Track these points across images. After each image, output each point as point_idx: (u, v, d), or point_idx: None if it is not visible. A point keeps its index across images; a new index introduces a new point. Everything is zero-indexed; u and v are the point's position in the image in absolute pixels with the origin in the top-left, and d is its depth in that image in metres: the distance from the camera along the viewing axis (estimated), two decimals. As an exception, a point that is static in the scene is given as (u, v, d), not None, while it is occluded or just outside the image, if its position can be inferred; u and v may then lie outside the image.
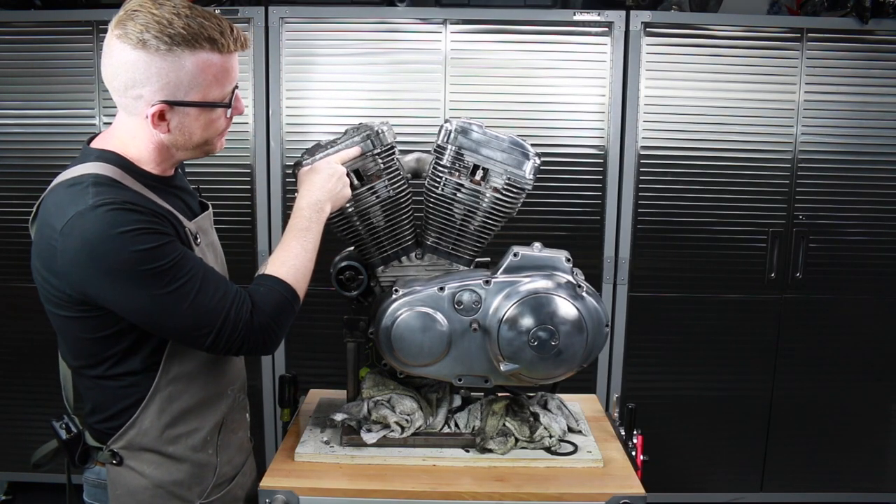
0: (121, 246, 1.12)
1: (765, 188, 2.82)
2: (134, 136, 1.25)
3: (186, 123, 1.23)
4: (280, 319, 1.29)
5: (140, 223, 1.14)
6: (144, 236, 1.14)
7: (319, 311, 2.84)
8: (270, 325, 1.27)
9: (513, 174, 1.55)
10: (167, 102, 1.18)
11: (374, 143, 1.55)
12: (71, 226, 1.12)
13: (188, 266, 1.19)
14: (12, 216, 2.81)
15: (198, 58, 1.18)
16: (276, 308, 1.28)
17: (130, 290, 1.15)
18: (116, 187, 1.17)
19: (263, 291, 1.28)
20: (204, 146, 1.29)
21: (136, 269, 1.14)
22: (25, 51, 2.75)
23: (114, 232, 1.12)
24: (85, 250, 1.12)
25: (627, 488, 1.49)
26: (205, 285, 1.20)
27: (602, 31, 2.73)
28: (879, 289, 2.89)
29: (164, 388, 1.30)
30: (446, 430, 1.65)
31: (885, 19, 2.73)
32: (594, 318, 1.51)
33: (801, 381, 2.95)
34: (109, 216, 1.12)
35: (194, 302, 1.19)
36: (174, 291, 1.17)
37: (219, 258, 1.43)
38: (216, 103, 1.23)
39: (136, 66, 1.16)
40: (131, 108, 1.21)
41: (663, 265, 2.86)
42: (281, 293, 1.29)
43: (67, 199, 1.15)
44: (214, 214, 1.48)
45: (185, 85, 1.18)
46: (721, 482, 3.02)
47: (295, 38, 2.73)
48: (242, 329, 1.23)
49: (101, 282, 1.15)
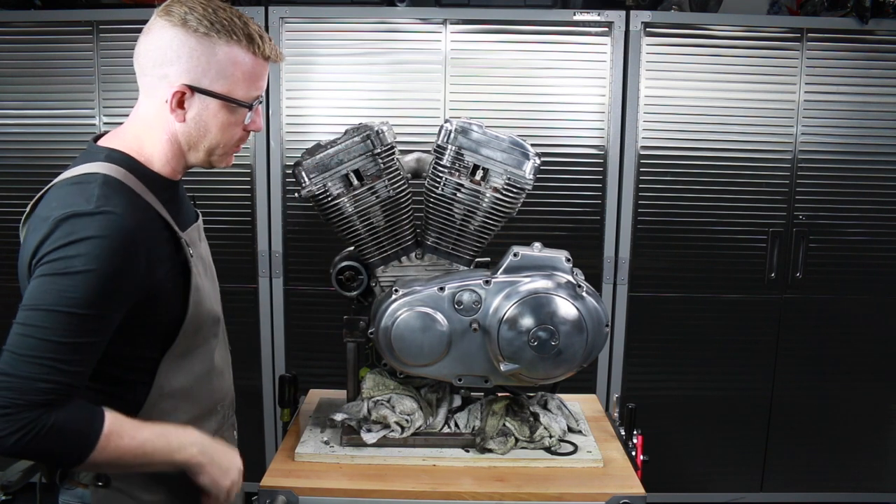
0: (90, 249, 1.06)
1: (765, 188, 2.82)
2: (150, 127, 1.21)
3: (205, 117, 1.20)
4: (49, 443, 1.05)
5: (122, 246, 1.08)
6: (107, 261, 1.07)
7: (319, 311, 2.84)
8: (33, 437, 1.04)
9: (513, 174, 1.55)
10: (190, 87, 1.16)
11: (374, 143, 1.55)
12: (65, 221, 1.07)
13: (85, 317, 1.06)
14: (12, 216, 2.81)
15: (232, 50, 1.17)
16: (65, 433, 1.06)
17: (41, 283, 1.07)
18: (123, 192, 1.13)
19: (79, 416, 1.08)
20: (214, 152, 1.25)
21: (63, 271, 1.06)
22: (25, 51, 2.75)
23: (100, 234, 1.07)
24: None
25: (627, 488, 1.49)
26: (59, 342, 1.05)
27: (602, 31, 2.73)
28: (879, 289, 2.89)
29: (158, 402, 1.24)
30: (446, 430, 1.65)
31: (885, 19, 2.73)
32: (594, 318, 1.51)
33: (801, 381, 2.95)
34: (108, 222, 1.08)
35: (31, 336, 1.05)
36: (49, 312, 1.05)
37: (208, 270, 1.36)
38: (239, 101, 1.20)
39: (171, 43, 1.15)
40: (154, 88, 1.19)
41: (663, 265, 2.86)
42: (86, 428, 1.09)
43: (72, 195, 1.11)
44: (215, 215, 1.47)
45: (212, 73, 1.17)
46: (721, 482, 3.02)
47: (295, 38, 2.73)
48: (9, 410, 1.03)
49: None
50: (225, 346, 1.45)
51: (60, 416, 1.05)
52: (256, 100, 1.24)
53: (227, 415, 1.43)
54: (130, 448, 1.12)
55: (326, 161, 1.56)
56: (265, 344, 2.89)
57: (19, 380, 1.04)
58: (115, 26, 2.71)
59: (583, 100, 2.77)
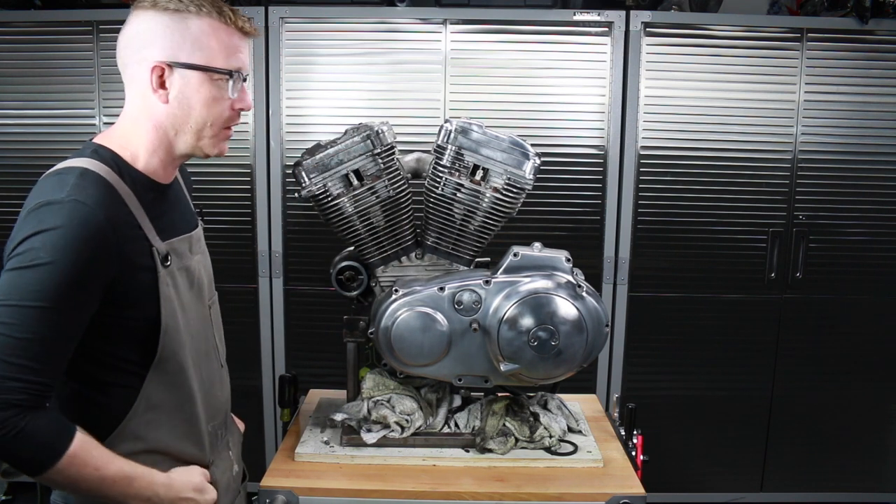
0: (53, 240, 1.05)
1: (765, 188, 2.82)
2: (135, 120, 1.21)
3: (187, 93, 1.19)
4: (16, 446, 1.04)
5: (89, 237, 1.07)
6: (73, 252, 1.05)
7: (319, 311, 2.84)
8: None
9: (513, 174, 1.56)
10: (168, 63, 1.17)
11: (374, 143, 1.55)
12: (36, 210, 1.07)
13: (54, 310, 1.05)
14: (12, 216, 2.80)
15: (203, 21, 1.18)
16: (32, 441, 1.05)
17: (9, 277, 1.06)
18: (99, 185, 1.12)
19: (50, 429, 1.07)
20: (202, 134, 1.22)
21: (29, 264, 1.05)
22: (25, 51, 2.75)
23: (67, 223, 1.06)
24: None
25: (627, 488, 1.49)
26: (28, 338, 1.03)
27: (602, 31, 2.73)
28: (879, 289, 2.89)
29: (144, 413, 1.20)
30: (446, 430, 1.65)
31: (885, 19, 2.73)
32: (594, 318, 1.51)
33: (801, 381, 2.95)
34: (76, 212, 1.07)
35: (1, 334, 1.03)
36: (18, 308, 1.03)
37: (194, 285, 1.30)
38: (218, 69, 1.19)
39: (147, 26, 1.17)
40: (136, 75, 1.19)
41: (663, 265, 2.86)
42: (54, 442, 1.07)
43: (48, 186, 1.11)
44: (215, 215, 1.45)
45: (187, 46, 1.17)
46: (721, 482, 3.02)
47: (295, 38, 2.73)
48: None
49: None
50: (218, 364, 1.40)
51: (32, 423, 1.04)
52: (238, 72, 1.23)
53: (219, 434, 1.38)
54: (90, 478, 1.10)
55: (326, 161, 1.56)
56: (265, 344, 2.89)
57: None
58: (115, 26, 2.71)
59: (583, 100, 2.77)
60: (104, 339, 1.16)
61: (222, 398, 1.41)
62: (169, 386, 1.23)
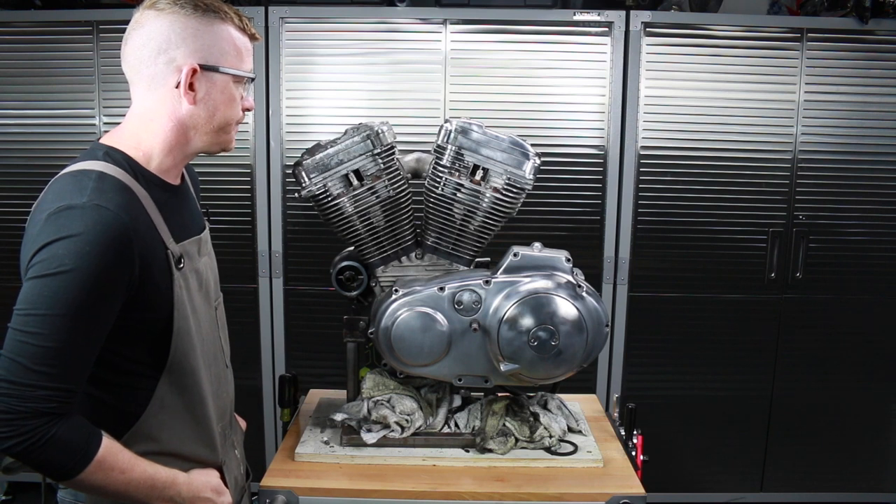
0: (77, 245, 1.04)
1: (765, 188, 2.82)
2: (149, 120, 1.20)
3: (213, 95, 1.21)
4: (46, 454, 1.05)
5: (113, 242, 1.06)
6: (98, 258, 1.05)
7: (319, 311, 2.84)
8: (33, 444, 1.04)
9: (513, 174, 1.56)
10: (202, 66, 1.18)
11: (374, 143, 1.55)
12: (56, 215, 1.05)
13: (80, 318, 1.05)
14: (12, 216, 2.81)
15: (226, 27, 1.21)
16: (63, 447, 1.06)
17: (34, 285, 1.05)
18: (118, 189, 1.12)
19: (79, 434, 1.08)
20: (221, 132, 1.25)
21: (53, 271, 1.04)
22: (25, 51, 2.75)
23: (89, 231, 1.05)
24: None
25: (627, 488, 1.49)
26: (56, 347, 1.03)
27: (602, 31, 2.73)
28: (879, 289, 2.89)
29: (158, 413, 1.21)
30: (446, 430, 1.65)
31: (885, 19, 2.73)
32: (594, 318, 1.51)
33: (801, 381, 2.95)
34: (98, 217, 1.06)
35: (28, 343, 1.03)
36: (45, 317, 1.03)
37: (202, 287, 1.31)
38: (247, 74, 1.25)
39: (172, 28, 1.17)
40: (159, 77, 1.18)
41: (663, 265, 2.86)
42: (84, 446, 1.08)
43: (66, 189, 1.09)
44: (215, 215, 1.46)
45: (216, 50, 1.20)
46: (721, 482, 3.02)
47: (295, 38, 2.73)
48: (11, 416, 1.02)
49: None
50: (224, 364, 1.41)
51: (61, 430, 1.05)
52: (250, 80, 1.28)
53: (227, 434, 1.40)
54: (116, 481, 1.11)
55: (326, 161, 1.56)
56: (265, 344, 2.89)
57: (19, 387, 1.02)
58: (115, 26, 2.71)
59: (583, 100, 2.77)
60: (116, 341, 1.15)
61: (228, 399, 1.42)
62: (181, 388, 1.24)
